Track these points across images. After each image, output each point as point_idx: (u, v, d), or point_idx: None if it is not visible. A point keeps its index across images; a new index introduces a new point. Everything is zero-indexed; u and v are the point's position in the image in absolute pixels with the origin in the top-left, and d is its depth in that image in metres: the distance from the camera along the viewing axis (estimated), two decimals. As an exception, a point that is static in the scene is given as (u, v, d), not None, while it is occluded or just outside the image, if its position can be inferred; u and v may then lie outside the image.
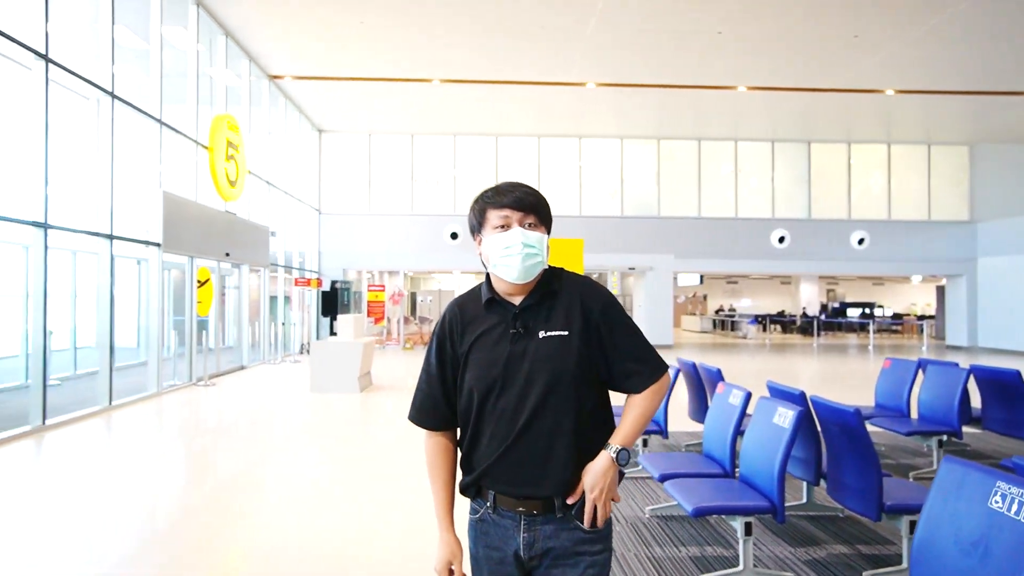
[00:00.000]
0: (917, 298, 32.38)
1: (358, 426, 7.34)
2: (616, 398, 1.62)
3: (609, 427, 1.60)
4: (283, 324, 15.09)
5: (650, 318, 18.39)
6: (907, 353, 16.88)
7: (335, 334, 11.88)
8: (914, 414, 5.62)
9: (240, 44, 11.78)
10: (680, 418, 6.39)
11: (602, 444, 1.55)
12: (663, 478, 3.66)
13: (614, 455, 1.52)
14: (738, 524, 3.17)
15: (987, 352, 17.80)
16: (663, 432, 5.14)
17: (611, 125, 17.39)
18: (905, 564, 3.27)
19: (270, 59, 12.53)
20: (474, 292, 1.65)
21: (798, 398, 3.75)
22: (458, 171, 18.17)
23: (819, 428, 3.71)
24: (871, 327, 22.19)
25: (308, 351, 15.84)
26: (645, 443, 5.21)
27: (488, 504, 1.57)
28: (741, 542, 3.18)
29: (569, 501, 1.52)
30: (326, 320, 16.27)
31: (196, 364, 10.37)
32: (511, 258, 1.51)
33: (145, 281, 12.87)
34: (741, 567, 3.18)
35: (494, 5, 10.02)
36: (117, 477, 5.21)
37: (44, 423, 6.67)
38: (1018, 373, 5.20)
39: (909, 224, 19.00)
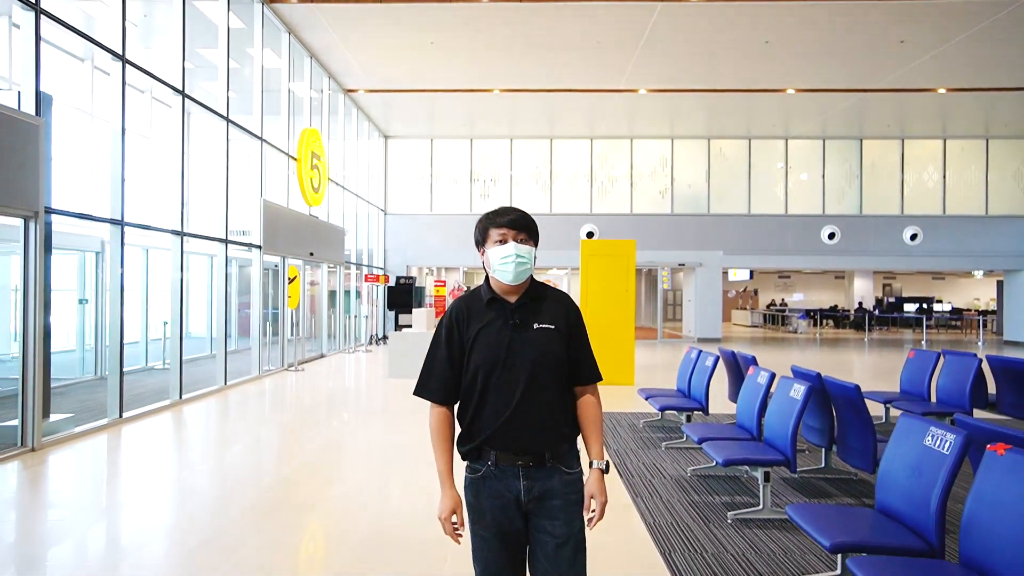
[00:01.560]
0: (980, 293, 31.64)
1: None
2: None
3: (572, 395, 2.00)
4: (355, 317, 16.45)
5: (699, 312, 19.00)
6: (961, 349, 16.96)
7: (409, 326, 13.05)
8: (934, 399, 6.30)
9: (322, 64, 13.07)
10: (720, 400, 7.24)
11: (571, 409, 1.98)
12: (701, 440, 4.55)
13: (603, 468, 1.96)
14: (759, 473, 4.06)
15: (1045, 348, 17.70)
16: (704, 410, 6.01)
17: (661, 126, 18.04)
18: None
19: (347, 76, 13.79)
20: (476, 292, 2.04)
21: (814, 378, 4.57)
22: (514, 172, 19.18)
23: (832, 405, 4.54)
24: (925, 322, 22.12)
25: (378, 342, 17.18)
26: (688, 418, 6.09)
27: (490, 462, 1.92)
28: (761, 487, 4.06)
29: (587, 517, 1.93)
30: (391, 314, 17.53)
31: (287, 352, 11.72)
32: (508, 265, 1.91)
33: (236, 277, 14.38)
34: (761, 507, 4.07)
35: (551, 24, 10.92)
36: (250, 439, 6.44)
37: (181, 398, 8.01)
38: (1027, 362, 5.83)
39: (965, 219, 18.93)
